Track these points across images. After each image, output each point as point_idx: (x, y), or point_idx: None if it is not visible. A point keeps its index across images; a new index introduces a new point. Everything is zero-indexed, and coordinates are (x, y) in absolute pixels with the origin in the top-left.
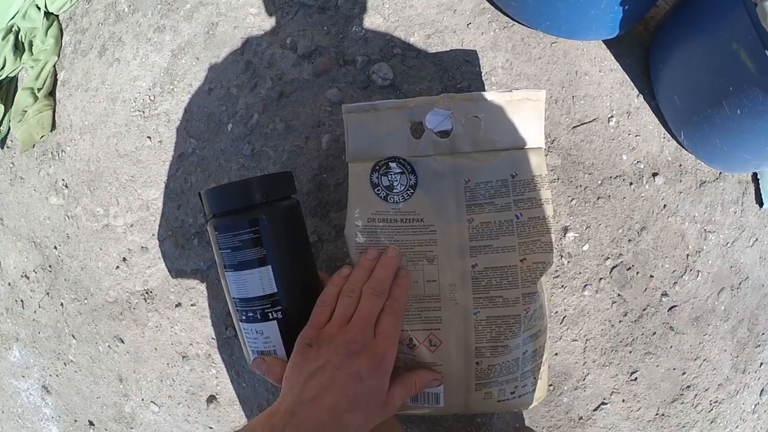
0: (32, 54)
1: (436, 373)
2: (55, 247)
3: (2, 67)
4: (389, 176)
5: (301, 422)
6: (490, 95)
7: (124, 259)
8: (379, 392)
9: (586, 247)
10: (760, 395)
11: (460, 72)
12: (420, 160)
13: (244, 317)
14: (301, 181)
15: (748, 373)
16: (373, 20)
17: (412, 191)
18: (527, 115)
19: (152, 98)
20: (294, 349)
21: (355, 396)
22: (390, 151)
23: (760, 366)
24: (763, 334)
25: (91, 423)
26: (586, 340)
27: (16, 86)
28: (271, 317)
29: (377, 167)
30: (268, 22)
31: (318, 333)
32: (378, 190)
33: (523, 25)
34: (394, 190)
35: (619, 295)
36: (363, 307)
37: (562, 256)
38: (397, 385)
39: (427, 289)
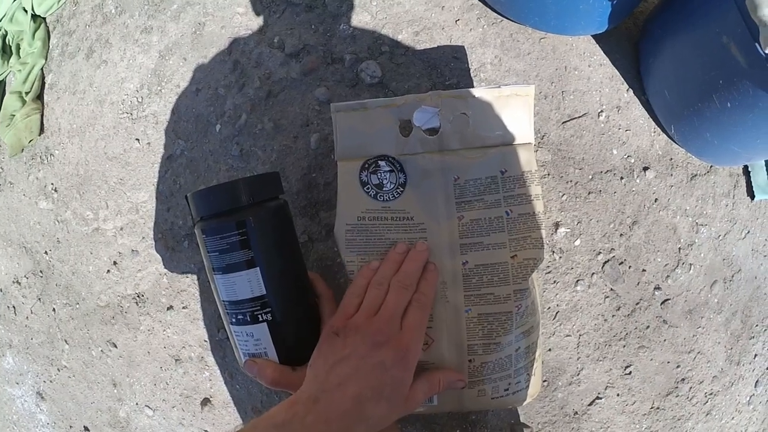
0: (19, 57)
1: (460, 374)
2: (46, 252)
3: None
4: (378, 174)
5: (323, 409)
6: (478, 92)
7: (115, 263)
8: (403, 385)
9: (577, 243)
10: (755, 387)
11: (448, 69)
12: (409, 159)
13: (233, 320)
14: (291, 180)
15: (743, 365)
16: (360, 18)
17: (401, 189)
18: (516, 110)
19: (140, 100)
20: (320, 337)
21: (379, 386)
22: (379, 149)
23: (755, 357)
24: (756, 325)
25: (86, 428)
26: (580, 335)
27: (4, 90)
28: (260, 319)
29: (366, 166)
30: (255, 22)
31: (345, 323)
32: (367, 188)
33: (512, 20)
34: (384, 189)
35: (611, 289)
36: (390, 299)
37: (553, 252)
38: (422, 381)
39: None
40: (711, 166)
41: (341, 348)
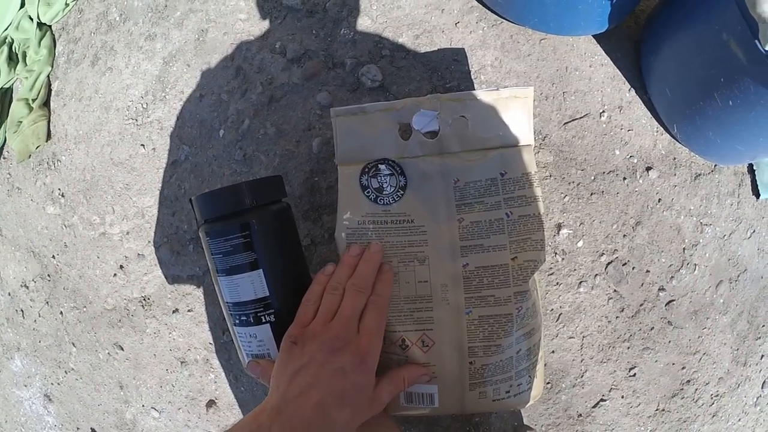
0: (26, 65)
1: (424, 368)
2: (54, 257)
3: None
4: (378, 178)
5: (287, 419)
6: (477, 94)
7: (121, 267)
8: (365, 388)
9: (580, 244)
10: (762, 388)
11: (449, 71)
12: (409, 162)
13: (237, 321)
14: (293, 184)
15: (749, 366)
16: (361, 22)
17: (402, 192)
18: (515, 112)
19: (145, 106)
20: (280, 347)
21: (340, 392)
22: (379, 153)
23: (761, 358)
24: (763, 326)
25: (93, 430)
26: (583, 337)
27: (11, 97)
28: (264, 320)
29: (366, 169)
30: (257, 28)
31: (302, 331)
32: (368, 192)
33: (512, 22)
34: (384, 192)
35: (615, 290)
36: (346, 303)
37: (556, 253)
38: (385, 381)
39: (419, 290)
40: (715, 165)
41: (299, 356)
